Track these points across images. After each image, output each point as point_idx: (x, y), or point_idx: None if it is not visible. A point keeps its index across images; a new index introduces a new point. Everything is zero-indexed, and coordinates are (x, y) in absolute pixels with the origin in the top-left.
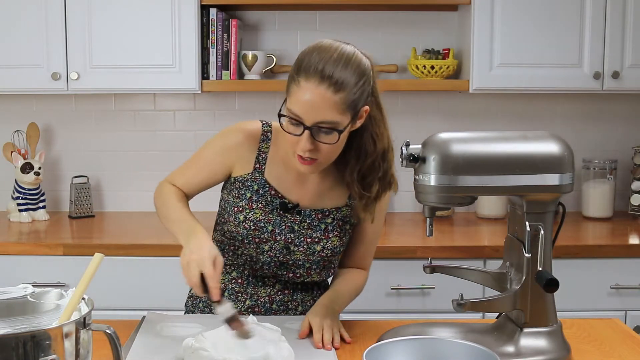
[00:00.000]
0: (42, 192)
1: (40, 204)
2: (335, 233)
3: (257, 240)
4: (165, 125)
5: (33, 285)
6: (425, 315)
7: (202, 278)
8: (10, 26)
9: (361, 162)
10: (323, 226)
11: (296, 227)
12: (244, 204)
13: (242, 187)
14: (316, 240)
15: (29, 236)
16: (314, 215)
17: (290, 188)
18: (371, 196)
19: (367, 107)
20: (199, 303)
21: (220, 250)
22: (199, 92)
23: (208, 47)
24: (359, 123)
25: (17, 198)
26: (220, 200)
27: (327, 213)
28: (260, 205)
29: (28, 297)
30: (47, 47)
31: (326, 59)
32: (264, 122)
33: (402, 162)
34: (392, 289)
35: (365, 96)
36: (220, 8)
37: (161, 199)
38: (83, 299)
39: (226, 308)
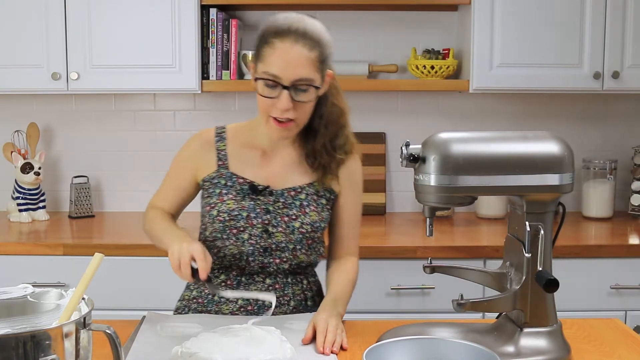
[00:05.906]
0: (42, 192)
1: (40, 204)
2: (312, 208)
3: (234, 230)
4: (165, 125)
5: (33, 285)
6: (425, 315)
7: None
8: (10, 26)
9: (329, 130)
10: (298, 203)
11: (271, 208)
12: (215, 200)
13: (210, 186)
14: (293, 217)
15: (29, 236)
16: (286, 194)
17: (256, 173)
18: (336, 161)
19: (330, 72)
20: (188, 312)
21: None
22: (199, 92)
23: (208, 47)
24: (324, 88)
25: (17, 198)
26: (200, 216)
27: (299, 190)
28: (230, 195)
29: (28, 297)
30: (47, 47)
31: (298, 19)
32: (217, 127)
33: (402, 162)
34: (392, 289)
35: (330, 59)
36: (220, 8)
37: (147, 224)
38: (83, 299)
39: (216, 286)
